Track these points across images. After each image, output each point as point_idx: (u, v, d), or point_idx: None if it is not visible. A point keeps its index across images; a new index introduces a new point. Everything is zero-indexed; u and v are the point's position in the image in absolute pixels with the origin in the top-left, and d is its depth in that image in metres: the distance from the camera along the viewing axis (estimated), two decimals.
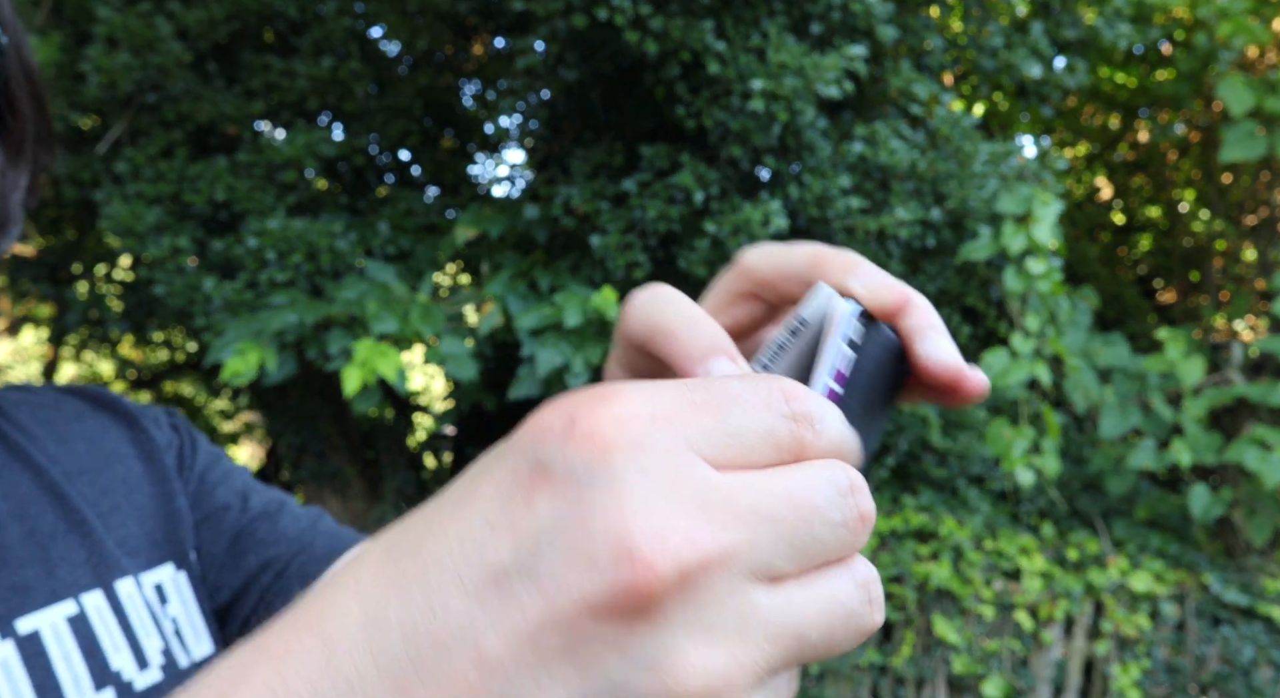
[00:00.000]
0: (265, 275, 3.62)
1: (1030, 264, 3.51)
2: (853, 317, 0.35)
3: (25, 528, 0.62)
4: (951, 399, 0.37)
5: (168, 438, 0.75)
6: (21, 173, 0.69)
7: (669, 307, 0.38)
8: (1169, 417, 3.92)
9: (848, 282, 0.36)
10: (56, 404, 0.72)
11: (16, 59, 0.66)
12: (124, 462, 0.71)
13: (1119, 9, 4.39)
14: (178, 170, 3.83)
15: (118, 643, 0.61)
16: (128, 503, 0.69)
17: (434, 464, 6.44)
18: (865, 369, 0.34)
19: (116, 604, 0.63)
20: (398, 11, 4.33)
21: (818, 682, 4.00)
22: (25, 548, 0.61)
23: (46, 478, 0.65)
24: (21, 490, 0.64)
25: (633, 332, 0.39)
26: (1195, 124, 5.30)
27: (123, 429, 0.74)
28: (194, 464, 0.75)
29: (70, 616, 0.60)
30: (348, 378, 3.13)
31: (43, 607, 0.59)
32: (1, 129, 0.68)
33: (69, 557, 0.62)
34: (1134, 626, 3.91)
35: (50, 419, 0.70)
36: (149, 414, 0.76)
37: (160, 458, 0.73)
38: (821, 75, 3.17)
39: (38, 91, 0.69)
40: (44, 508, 0.64)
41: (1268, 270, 4.87)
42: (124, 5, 3.82)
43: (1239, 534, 4.17)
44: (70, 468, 0.67)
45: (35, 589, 0.59)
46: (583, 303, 3.27)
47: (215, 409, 7.26)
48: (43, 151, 0.71)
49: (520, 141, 4.32)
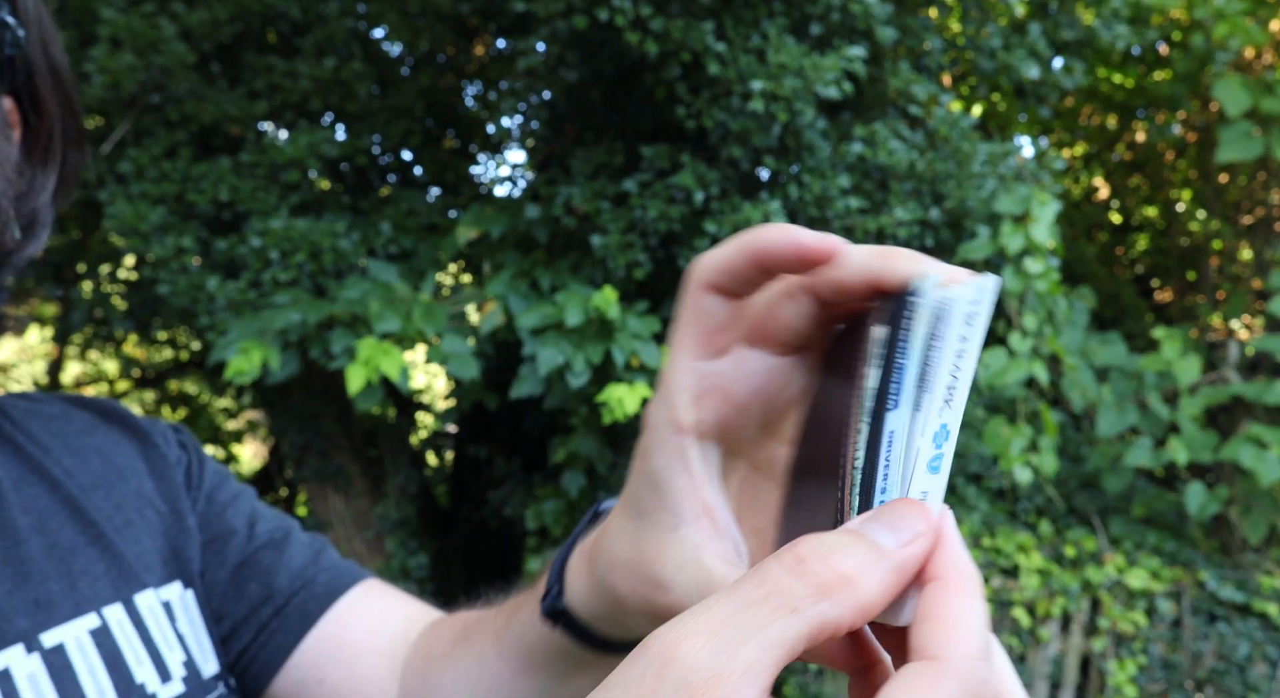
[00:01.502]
0: (268, 275, 3.65)
1: (1028, 264, 3.54)
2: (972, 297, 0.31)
3: (46, 542, 0.61)
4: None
5: (177, 455, 0.75)
6: (50, 173, 0.67)
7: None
8: (1166, 415, 3.95)
9: (919, 267, 0.35)
10: (66, 416, 0.72)
11: (42, 56, 0.65)
12: (136, 477, 0.70)
13: (1116, 10, 4.41)
14: (181, 170, 3.86)
15: (140, 656, 0.61)
16: (140, 518, 0.68)
17: (436, 462, 6.47)
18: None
19: (137, 618, 0.63)
20: (400, 12, 4.35)
21: (817, 678, 4.03)
22: (48, 562, 0.60)
23: (63, 491, 0.65)
24: (41, 505, 0.63)
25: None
26: (1192, 124, 5.32)
27: (134, 444, 0.73)
28: (201, 483, 0.75)
29: (93, 629, 0.60)
30: (351, 377, 3.16)
31: (66, 620, 0.59)
32: (27, 128, 0.66)
33: (90, 570, 0.62)
34: (1130, 622, 3.94)
35: (62, 431, 0.70)
36: (157, 429, 0.76)
37: (170, 475, 0.72)
38: (821, 76, 3.20)
39: (66, 90, 0.68)
40: (63, 522, 0.63)
41: (1264, 270, 4.90)
42: (128, 6, 3.85)
43: (1235, 532, 4.19)
44: (85, 482, 0.67)
45: (59, 603, 0.59)
46: (584, 302, 3.29)
47: (219, 408, 7.28)
48: (72, 151, 0.70)
49: (521, 142, 4.35)
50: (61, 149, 0.69)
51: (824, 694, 3.99)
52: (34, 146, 0.67)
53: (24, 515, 0.62)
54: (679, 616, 0.30)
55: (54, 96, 0.67)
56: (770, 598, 0.29)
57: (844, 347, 0.39)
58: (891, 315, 0.33)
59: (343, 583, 0.73)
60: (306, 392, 4.45)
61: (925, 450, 0.32)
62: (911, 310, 0.32)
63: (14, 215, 0.63)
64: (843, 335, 0.40)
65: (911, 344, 0.32)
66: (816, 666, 3.75)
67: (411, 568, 4.65)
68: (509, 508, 4.53)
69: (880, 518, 0.33)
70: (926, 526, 0.32)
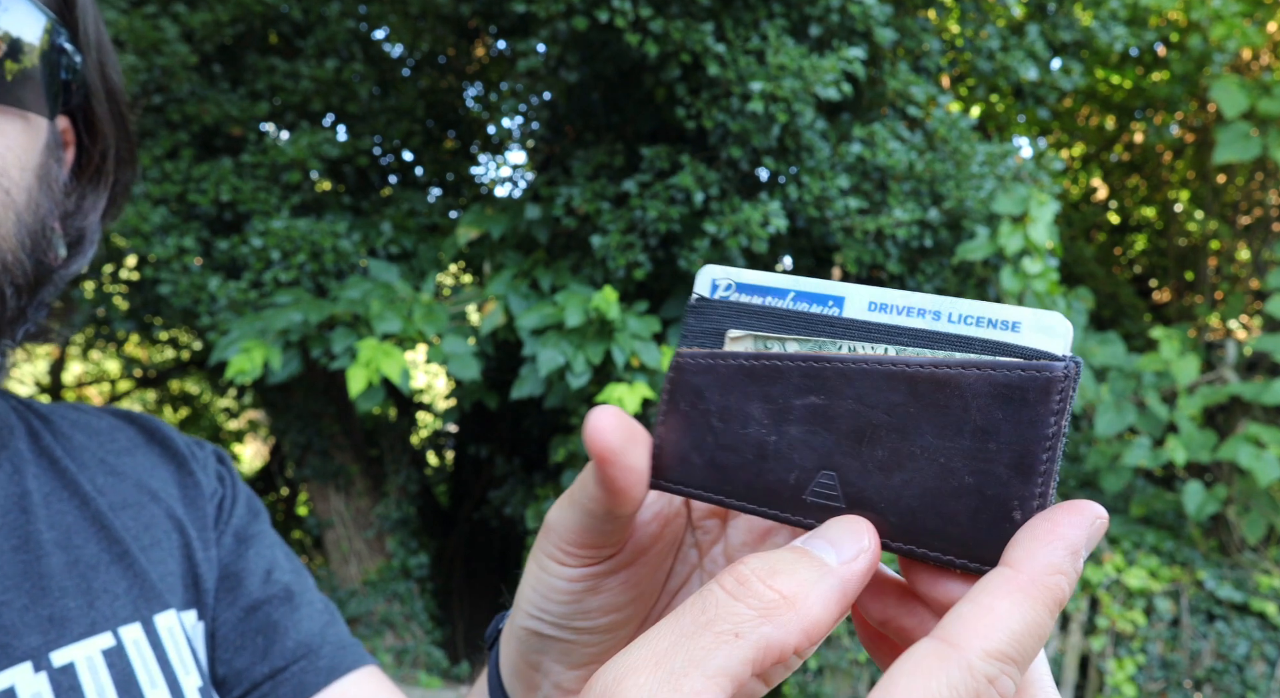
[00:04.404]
0: (270, 275, 3.66)
1: (1027, 264, 3.55)
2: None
3: (69, 558, 0.61)
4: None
5: (213, 488, 0.74)
6: (101, 194, 0.68)
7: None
8: (1164, 415, 3.96)
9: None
10: (111, 432, 0.72)
11: (100, 79, 0.66)
12: (168, 502, 0.70)
13: (1114, 12, 4.42)
14: (183, 171, 3.87)
15: (154, 678, 0.60)
16: (168, 541, 0.68)
17: (436, 462, 6.48)
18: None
19: (155, 638, 0.62)
20: (400, 14, 4.36)
21: (816, 677, 4.04)
22: (68, 578, 0.60)
23: (93, 508, 0.64)
24: (68, 520, 0.63)
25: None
26: (1190, 125, 5.33)
27: (171, 469, 0.73)
28: (231, 519, 0.74)
29: (106, 649, 0.59)
30: (353, 378, 3.17)
31: (80, 639, 0.58)
32: (80, 149, 0.67)
33: (110, 588, 0.61)
34: (1129, 621, 3.95)
35: (103, 447, 0.70)
36: (199, 458, 0.75)
37: (203, 506, 0.72)
38: (820, 77, 3.21)
39: (121, 112, 0.68)
40: (88, 538, 0.63)
41: (1261, 270, 4.91)
42: (130, 7, 3.86)
43: (1233, 531, 4.21)
44: (116, 500, 0.67)
45: (74, 621, 0.58)
46: (584, 302, 3.31)
47: (220, 407, 7.29)
48: (124, 171, 0.70)
49: (522, 143, 4.36)
50: (114, 170, 0.69)
51: (823, 694, 4.00)
52: (85, 166, 0.68)
53: (49, 530, 0.61)
54: (624, 649, 0.29)
55: (109, 118, 0.68)
56: (712, 625, 0.29)
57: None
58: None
59: (345, 664, 0.72)
60: (307, 391, 4.46)
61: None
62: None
63: (60, 233, 0.64)
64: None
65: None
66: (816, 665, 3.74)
67: (412, 567, 4.66)
68: (509, 507, 4.54)
69: (824, 534, 0.33)
70: (871, 542, 0.33)
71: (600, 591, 0.42)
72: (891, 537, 0.34)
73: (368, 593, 4.60)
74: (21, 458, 0.65)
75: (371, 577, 4.66)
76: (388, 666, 4.39)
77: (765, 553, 0.31)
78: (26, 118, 0.59)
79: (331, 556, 4.79)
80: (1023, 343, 0.33)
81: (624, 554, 0.42)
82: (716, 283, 0.40)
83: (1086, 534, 0.31)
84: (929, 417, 0.34)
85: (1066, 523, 0.31)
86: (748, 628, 0.29)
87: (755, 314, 0.39)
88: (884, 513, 0.34)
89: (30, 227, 0.60)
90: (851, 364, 0.35)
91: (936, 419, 0.33)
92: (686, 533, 0.47)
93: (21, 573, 0.59)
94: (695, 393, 0.38)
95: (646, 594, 0.44)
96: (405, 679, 4.36)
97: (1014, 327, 0.34)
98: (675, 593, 0.47)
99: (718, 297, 0.40)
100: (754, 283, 0.39)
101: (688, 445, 0.38)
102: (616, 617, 0.43)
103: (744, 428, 0.37)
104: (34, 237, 0.60)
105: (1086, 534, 0.31)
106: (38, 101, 0.59)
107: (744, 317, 0.39)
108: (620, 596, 0.42)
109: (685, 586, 0.47)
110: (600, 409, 0.37)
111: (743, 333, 0.39)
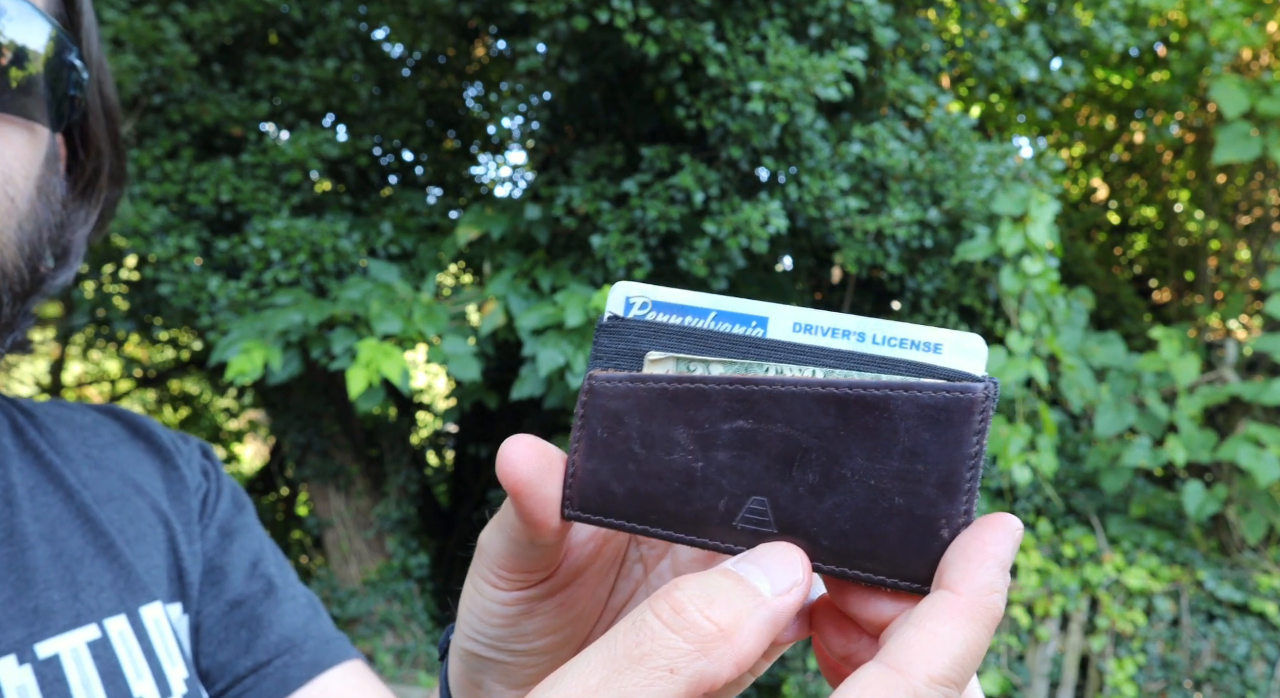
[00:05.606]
0: (270, 275, 3.66)
1: (1026, 264, 3.55)
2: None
3: (54, 550, 0.61)
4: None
5: (197, 482, 0.75)
6: (91, 209, 0.69)
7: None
8: (1164, 415, 3.96)
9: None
10: (95, 427, 0.72)
11: (98, 95, 0.67)
12: (153, 496, 0.70)
13: (1114, 11, 4.42)
14: (183, 171, 3.87)
15: (140, 669, 0.60)
16: (153, 534, 0.68)
17: (437, 462, 6.48)
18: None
19: (141, 630, 0.61)
20: (400, 14, 4.36)
21: (816, 677, 4.04)
22: (52, 570, 0.60)
23: (77, 501, 0.64)
24: (53, 513, 0.63)
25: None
26: (1190, 125, 5.33)
27: (156, 463, 0.73)
28: (215, 513, 0.74)
29: (92, 640, 0.58)
30: (353, 379, 3.17)
31: (65, 631, 0.58)
32: (73, 163, 0.68)
33: (95, 581, 0.61)
34: (1129, 621, 3.95)
35: (87, 441, 0.70)
36: (183, 452, 0.76)
37: (187, 500, 0.72)
38: (820, 77, 3.21)
39: (115, 129, 0.69)
40: (73, 531, 0.63)
41: (1261, 270, 4.91)
42: (130, 7, 3.86)
43: (1233, 531, 4.21)
44: (100, 494, 0.67)
45: (59, 613, 0.58)
46: (584, 302, 3.31)
47: (220, 407, 7.29)
48: (114, 188, 0.71)
49: (522, 143, 4.36)
50: (105, 187, 0.70)
51: (823, 694, 4.00)
52: (77, 181, 0.69)
53: (34, 523, 0.61)
54: (551, 677, 0.29)
55: (104, 135, 0.69)
56: (646, 659, 0.28)
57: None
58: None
59: (329, 658, 0.72)
60: (307, 391, 4.46)
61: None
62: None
63: (49, 244, 0.64)
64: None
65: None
66: (816, 665, 3.73)
67: (412, 567, 4.66)
68: None
69: (758, 560, 0.32)
70: (804, 574, 0.32)
71: (535, 614, 0.41)
72: (823, 560, 0.34)
73: (368, 593, 4.60)
74: (6, 452, 0.65)
75: (371, 577, 4.66)
76: (387, 666, 4.39)
77: (700, 577, 0.31)
78: (31, 129, 0.60)
79: (331, 556, 4.79)
80: (945, 364, 0.34)
81: (558, 577, 0.41)
82: (631, 301, 0.38)
83: (1011, 549, 0.31)
84: (859, 439, 0.33)
85: (993, 540, 0.31)
86: (683, 663, 0.28)
87: (675, 335, 0.37)
88: (816, 537, 0.34)
89: (30, 235, 0.60)
90: (781, 387, 0.34)
91: (867, 442, 0.33)
92: (630, 548, 0.46)
93: (6, 566, 0.58)
94: (613, 418, 0.37)
95: (585, 615, 0.44)
96: (405, 679, 4.36)
97: (936, 348, 0.34)
98: (619, 610, 0.46)
99: (633, 315, 0.38)
100: (671, 301, 0.38)
101: (607, 474, 0.37)
102: (554, 639, 0.42)
103: (668, 455, 0.36)
104: (32, 245, 0.60)
105: (1011, 549, 0.31)
106: (42, 113, 0.60)
107: (663, 337, 0.38)
108: (556, 618, 0.42)
109: (629, 601, 0.46)
110: (514, 439, 0.36)
111: (663, 354, 0.37)
